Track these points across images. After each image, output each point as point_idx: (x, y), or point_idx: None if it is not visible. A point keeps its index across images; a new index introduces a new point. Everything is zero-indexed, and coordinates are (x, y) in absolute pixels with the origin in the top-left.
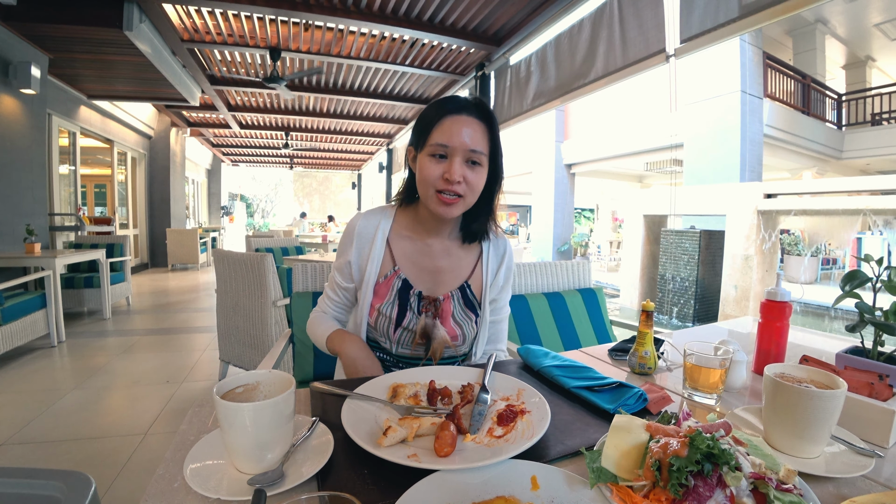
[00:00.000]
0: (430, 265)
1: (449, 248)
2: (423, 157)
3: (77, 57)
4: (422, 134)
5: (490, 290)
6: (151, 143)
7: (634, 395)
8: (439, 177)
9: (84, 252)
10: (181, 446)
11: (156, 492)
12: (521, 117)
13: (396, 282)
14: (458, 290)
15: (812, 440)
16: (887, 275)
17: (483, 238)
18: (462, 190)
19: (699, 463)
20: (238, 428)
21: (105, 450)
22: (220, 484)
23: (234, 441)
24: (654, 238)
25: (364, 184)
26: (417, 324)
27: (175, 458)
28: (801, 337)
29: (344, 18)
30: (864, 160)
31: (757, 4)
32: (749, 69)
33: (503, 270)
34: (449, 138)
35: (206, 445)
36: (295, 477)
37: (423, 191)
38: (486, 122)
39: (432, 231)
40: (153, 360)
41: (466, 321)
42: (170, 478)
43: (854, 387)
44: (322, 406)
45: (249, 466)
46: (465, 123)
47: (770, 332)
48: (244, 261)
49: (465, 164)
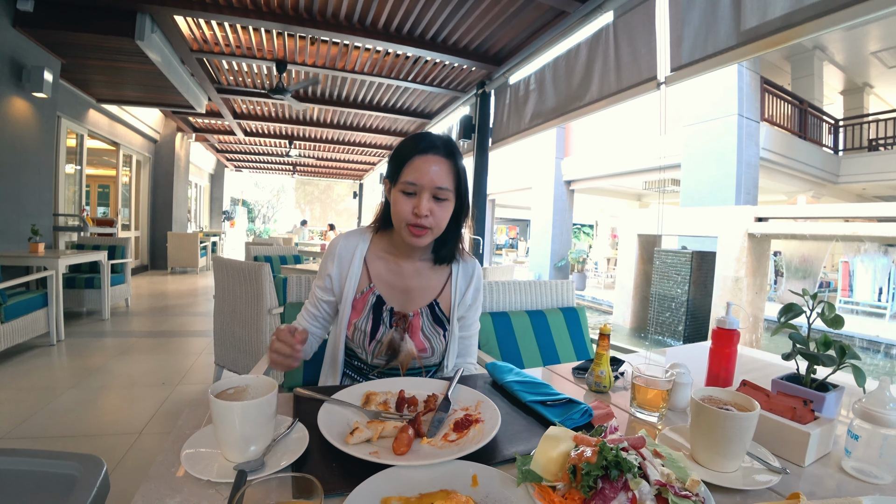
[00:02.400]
0: (402, 284)
1: (420, 269)
2: (396, 193)
3: (89, 63)
4: (395, 170)
5: (458, 307)
6: (157, 146)
7: (580, 411)
8: (409, 211)
9: (86, 253)
10: (178, 438)
11: (155, 475)
12: (519, 136)
13: (371, 298)
14: (428, 307)
15: (728, 456)
16: (821, 308)
17: (452, 260)
18: (429, 223)
19: (606, 468)
20: (228, 423)
21: (100, 448)
22: (211, 469)
23: (224, 434)
24: (647, 257)
25: (365, 194)
26: (386, 337)
27: (173, 448)
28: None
29: (349, 35)
30: (861, 185)
31: (745, 38)
32: (746, 93)
33: (471, 290)
34: (418, 177)
35: (200, 438)
36: (274, 466)
37: (396, 223)
38: (452, 160)
39: (404, 254)
40: (150, 361)
41: (435, 335)
42: (168, 464)
43: (780, 410)
44: (303, 408)
45: (236, 456)
46: (433, 162)
47: (719, 357)
48: (243, 269)
49: (431, 199)
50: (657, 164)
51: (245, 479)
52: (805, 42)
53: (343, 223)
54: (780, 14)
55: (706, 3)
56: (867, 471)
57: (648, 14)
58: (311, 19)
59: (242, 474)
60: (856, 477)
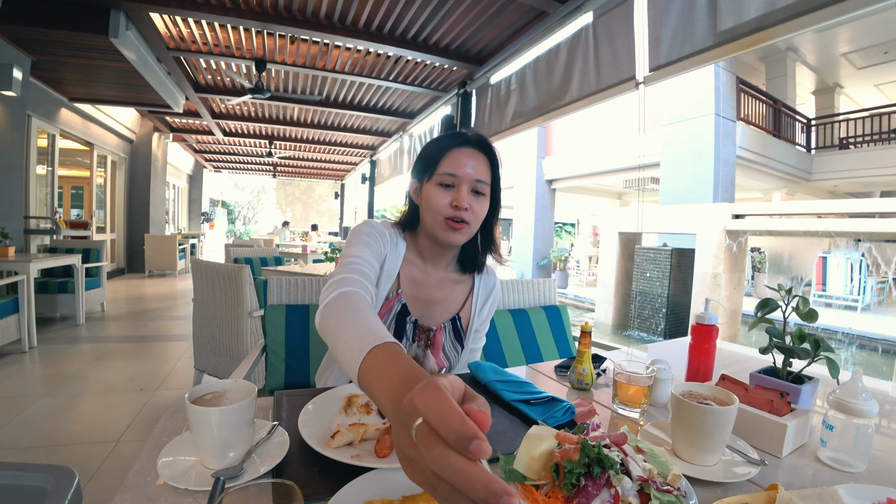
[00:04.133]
0: (427, 295)
1: (444, 281)
2: (431, 187)
3: (61, 60)
4: (429, 165)
5: (475, 321)
6: (133, 147)
7: (562, 409)
8: (447, 204)
9: (59, 257)
10: (155, 446)
11: (131, 484)
12: (501, 135)
13: (396, 305)
14: (450, 321)
15: (708, 450)
16: (796, 302)
17: (481, 270)
18: (468, 217)
19: (588, 466)
20: (205, 429)
21: (75, 457)
22: (189, 477)
23: (201, 440)
24: (628, 255)
25: (347, 194)
26: (409, 353)
27: (150, 456)
28: (749, 353)
29: (329, 34)
30: (832, 182)
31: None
32: (723, 93)
33: (489, 303)
34: (456, 168)
35: (178, 445)
36: (253, 472)
37: (432, 218)
38: (488, 156)
39: (430, 261)
40: (127, 367)
41: (454, 353)
42: (144, 472)
43: (758, 403)
44: (285, 412)
45: (215, 463)
46: (470, 156)
47: (699, 352)
48: (222, 272)
49: (470, 193)
50: (637, 162)
51: (223, 486)
52: (778, 44)
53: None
54: (755, 16)
55: (683, 5)
56: (842, 460)
57: (627, 15)
58: (291, 18)
59: (220, 482)
60: (831, 466)
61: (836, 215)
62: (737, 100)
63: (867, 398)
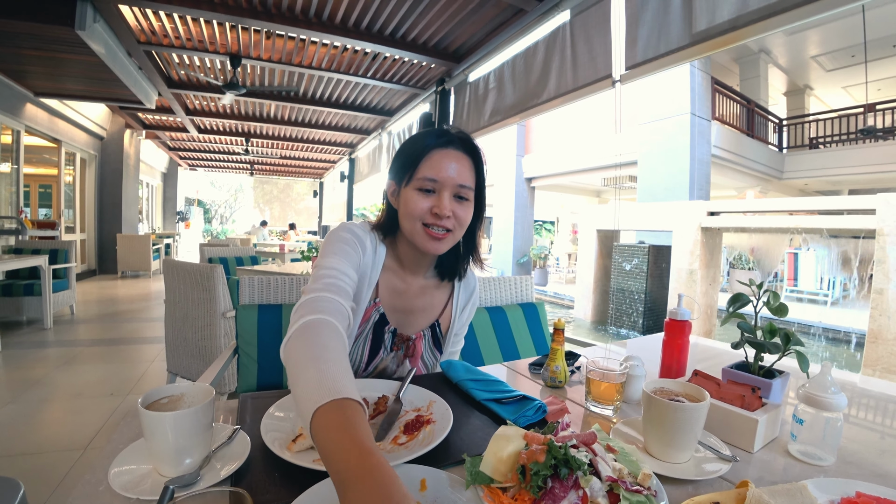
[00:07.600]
0: (406, 304)
1: (425, 288)
2: (410, 191)
3: (24, 53)
4: (408, 167)
5: (455, 324)
6: (103, 144)
7: (534, 407)
8: (427, 210)
9: (24, 258)
10: (111, 454)
11: (81, 494)
12: (479, 132)
13: (374, 314)
14: (429, 328)
15: (680, 447)
16: (767, 297)
17: (462, 277)
18: (451, 224)
19: (555, 467)
20: (159, 435)
21: (41, 465)
22: (142, 486)
23: (155, 447)
24: (606, 252)
25: (326, 192)
26: (383, 363)
27: (103, 465)
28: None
29: (306, 29)
30: (803, 180)
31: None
32: (698, 93)
33: (469, 307)
34: (438, 172)
35: (133, 452)
36: (210, 478)
37: (410, 225)
38: (473, 158)
39: (410, 269)
40: (97, 371)
41: (432, 359)
42: (95, 482)
43: (730, 398)
44: (249, 415)
45: (170, 470)
46: (454, 158)
47: (672, 348)
48: (194, 272)
49: (453, 198)
50: (615, 161)
51: (171, 495)
52: (752, 46)
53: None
54: (728, 17)
55: (659, 5)
56: (812, 453)
57: (604, 14)
58: (266, 12)
59: (168, 490)
60: (801, 460)
61: (806, 212)
62: (712, 100)
63: (836, 392)
